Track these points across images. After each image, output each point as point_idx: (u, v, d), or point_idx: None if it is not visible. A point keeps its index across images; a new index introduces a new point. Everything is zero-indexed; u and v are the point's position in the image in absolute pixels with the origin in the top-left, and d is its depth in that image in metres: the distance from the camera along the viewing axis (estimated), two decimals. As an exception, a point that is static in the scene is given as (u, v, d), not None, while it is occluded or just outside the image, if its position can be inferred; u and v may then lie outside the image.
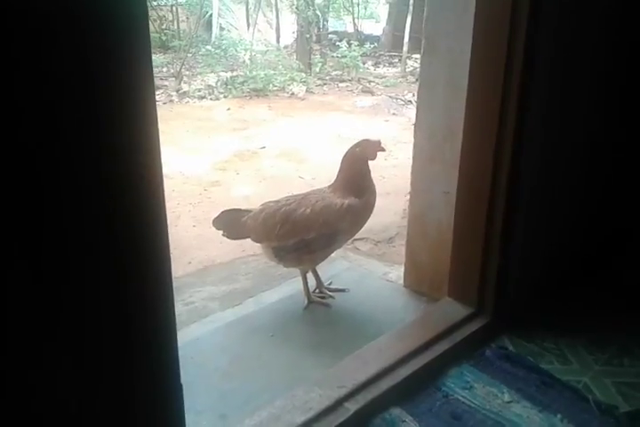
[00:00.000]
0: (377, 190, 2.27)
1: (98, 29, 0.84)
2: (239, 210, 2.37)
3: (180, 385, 1.16)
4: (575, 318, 2.22)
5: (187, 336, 2.15)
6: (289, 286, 2.53)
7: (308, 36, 9.39)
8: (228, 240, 2.47)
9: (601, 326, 2.17)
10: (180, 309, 2.61)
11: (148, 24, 0.92)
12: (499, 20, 1.76)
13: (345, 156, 2.24)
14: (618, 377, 1.90)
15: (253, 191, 4.63)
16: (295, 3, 9.71)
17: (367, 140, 2.21)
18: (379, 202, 2.33)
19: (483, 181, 1.93)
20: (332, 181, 2.29)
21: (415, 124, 2.27)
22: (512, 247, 2.02)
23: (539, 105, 1.87)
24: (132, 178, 0.94)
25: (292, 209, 2.18)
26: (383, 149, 2.21)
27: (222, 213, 2.38)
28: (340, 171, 2.24)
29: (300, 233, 2.16)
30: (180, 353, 2.00)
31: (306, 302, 2.32)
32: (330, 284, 2.45)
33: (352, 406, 1.63)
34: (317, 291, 2.40)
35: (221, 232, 2.39)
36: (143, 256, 1.00)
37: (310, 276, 2.40)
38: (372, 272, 2.67)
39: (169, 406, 1.15)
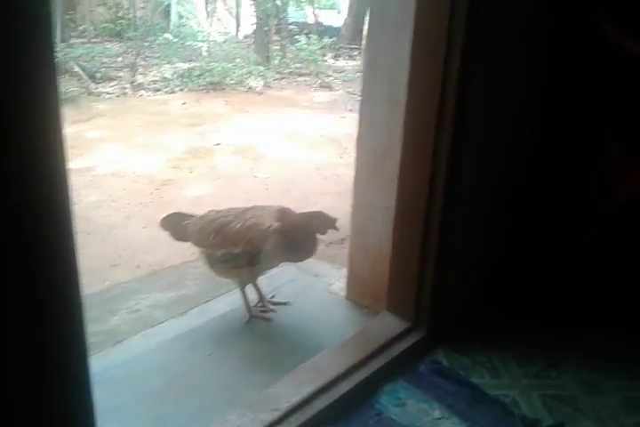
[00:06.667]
0: (330, 189, 2.28)
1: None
2: (185, 214, 2.44)
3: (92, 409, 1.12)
4: (507, 332, 2.28)
5: (127, 353, 2.15)
6: (234, 294, 2.53)
7: (266, 28, 9.31)
8: (179, 242, 2.49)
9: (531, 339, 2.24)
10: (124, 317, 2.60)
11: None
12: (435, 39, 1.79)
13: (299, 219, 2.26)
14: (544, 390, 1.97)
15: (206, 191, 4.59)
16: (254, -7, 9.62)
17: (325, 216, 2.24)
18: (332, 201, 2.33)
19: (420, 196, 1.98)
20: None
21: (357, 139, 2.29)
22: (448, 261, 2.06)
23: (474, 121, 1.91)
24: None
25: (228, 221, 2.23)
26: (336, 229, 2.24)
27: (170, 214, 2.46)
28: (290, 223, 2.23)
29: (227, 246, 2.21)
30: (119, 373, 1.98)
31: (247, 316, 2.33)
32: (272, 297, 2.46)
33: (284, 430, 1.66)
34: (260, 304, 2.41)
35: (168, 233, 2.45)
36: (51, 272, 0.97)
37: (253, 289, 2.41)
38: (316, 281, 2.69)
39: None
